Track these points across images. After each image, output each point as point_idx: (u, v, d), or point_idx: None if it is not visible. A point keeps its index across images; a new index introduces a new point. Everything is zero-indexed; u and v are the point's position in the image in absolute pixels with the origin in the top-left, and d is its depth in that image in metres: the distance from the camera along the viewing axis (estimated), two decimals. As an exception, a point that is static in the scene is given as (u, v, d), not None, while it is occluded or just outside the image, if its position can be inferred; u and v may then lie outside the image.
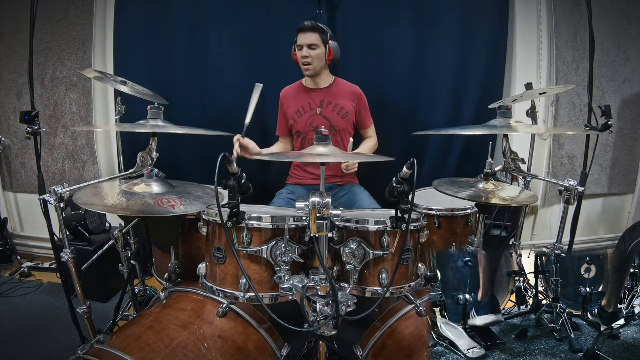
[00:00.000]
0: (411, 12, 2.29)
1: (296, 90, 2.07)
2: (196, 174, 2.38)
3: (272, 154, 1.97)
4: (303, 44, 1.90)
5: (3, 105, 2.61)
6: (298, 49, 1.93)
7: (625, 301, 1.08)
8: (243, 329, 1.25)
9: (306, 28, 1.89)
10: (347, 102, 2.02)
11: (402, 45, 2.32)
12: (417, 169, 0.97)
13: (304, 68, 1.95)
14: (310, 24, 1.89)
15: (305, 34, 1.89)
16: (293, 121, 2.04)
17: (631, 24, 2.52)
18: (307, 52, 1.90)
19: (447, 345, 1.03)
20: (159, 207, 1.10)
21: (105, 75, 1.65)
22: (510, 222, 1.64)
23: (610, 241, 2.81)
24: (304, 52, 1.90)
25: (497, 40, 2.36)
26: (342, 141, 2.03)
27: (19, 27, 2.46)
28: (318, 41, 1.90)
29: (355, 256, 1.06)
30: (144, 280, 1.81)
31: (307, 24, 1.89)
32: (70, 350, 1.06)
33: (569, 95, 2.50)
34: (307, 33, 1.89)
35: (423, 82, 2.36)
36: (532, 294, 1.16)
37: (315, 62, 1.92)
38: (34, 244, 2.81)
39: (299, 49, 1.92)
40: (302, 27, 1.90)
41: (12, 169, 2.70)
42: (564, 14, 2.41)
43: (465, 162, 2.44)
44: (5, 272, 2.55)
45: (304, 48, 1.90)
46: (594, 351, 0.97)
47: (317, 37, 1.89)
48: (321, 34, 1.90)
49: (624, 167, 2.72)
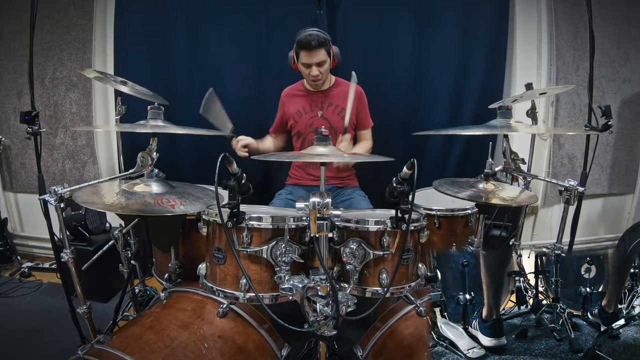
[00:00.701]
0: (411, 12, 2.29)
1: (297, 90, 2.06)
2: (196, 174, 2.38)
3: (272, 153, 1.96)
4: (311, 63, 1.81)
5: (3, 105, 2.61)
6: (304, 66, 1.84)
7: (625, 301, 1.08)
8: (243, 329, 1.25)
9: (312, 46, 1.75)
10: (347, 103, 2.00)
11: (402, 45, 2.32)
12: (417, 169, 0.97)
13: (314, 84, 1.90)
14: (317, 42, 1.75)
15: (311, 52, 1.78)
16: (293, 121, 2.04)
17: (631, 24, 2.52)
18: (317, 70, 1.82)
19: (447, 345, 1.03)
20: (159, 207, 1.10)
21: (105, 75, 1.65)
22: (510, 222, 1.64)
23: (610, 241, 2.81)
24: (313, 71, 1.82)
25: (497, 40, 2.36)
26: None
27: (19, 27, 2.46)
28: (325, 56, 1.81)
29: (355, 256, 1.06)
30: (144, 280, 1.81)
31: (313, 42, 1.75)
32: (70, 350, 1.06)
33: (569, 95, 2.50)
34: (314, 51, 1.77)
35: (423, 82, 2.36)
36: (532, 294, 1.16)
37: (324, 76, 1.87)
38: (34, 244, 2.81)
39: (306, 67, 1.84)
40: (306, 44, 1.76)
41: (12, 169, 2.70)
42: (564, 14, 2.41)
43: (465, 162, 2.44)
44: (5, 272, 2.55)
45: (313, 67, 1.81)
46: (594, 351, 0.97)
47: (324, 53, 1.80)
48: (326, 47, 1.80)
49: (624, 167, 2.72)
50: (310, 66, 1.83)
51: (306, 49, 1.78)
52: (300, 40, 1.78)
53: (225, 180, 1.03)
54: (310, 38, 1.75)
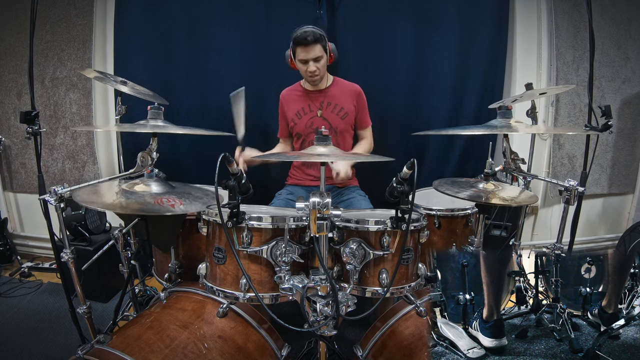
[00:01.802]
0: (411, 12, 2.29)
1: (295, 91, 2.06)
2: (196, 174, 2.38)
3: (271, 153, 1.96)
4: (308, 59, 1.82)
5: (3, 105, 2.61)
6: (301, 62, 1.85)
7: (625, 301, 1.08)
8: (243, 329, 1.25)
9: (308, 42, 1.78)
10: (346, 102, 2.00)
11: (402, 45, 2.32)
12: (417, 169, 0.97)
13: (311, 80, 1.91)
14: (313, 37, 1.77)
15: (307, 48, 1.80)
16: (293, 123, 2.04)
17: (631, 24, 2.52)
18: (314, 65, 1.83)
19: (447, 345, 1.03)
20: (159, 206, 1.10)
21: (105, 75, 1.65)
22: (510, 222, 1.64)
23: (610, 241, 2.81)
24: (310, 67, 1.83)
25: (497, 40, 2.36)
26: (342, 142, 2.03)
27: (19, 27, 2.46)
28: (321, 52, 1.82)
29: (355, 256, 1.06)
30: (144, 280, 1.81)
31: (309, 38, 1.77)
32: (70, 350, 1.07)
33: (569, 95, 2.50)
34: (310, 46, 1.79)
35: (423, 82, 2.36)
36: (532, 294, 1.16)
37: (321, 71, 1.88)
38: (34, 244, 2.81)
39: (303, 63, 1.85)
40: (302, 40, 1.78)
41: (12, 169, 2.70)
42: (564, 14, 2.41)
43: (465, 162, 2.43)
44: (5, 272, 2.55)
45: (310, 62, 1.83)
46: (594, 351, 0.97)
47: (320, 48, 1.81)
48: (322, 43, 1.82)
49: (624, 167, 2.72)
50: (307, 62, 1.84)
51: (302, 45, 1.80)
52: (296, 37, 1.80)
53: (225, 180, 1.03)
54: (305, 34, 1.78)
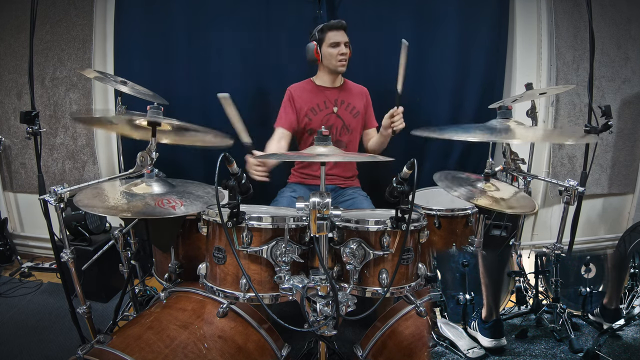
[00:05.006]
0: (411, 12, 2.30)
1: (308, 87, 2.04)
2: (196, 173, 2.38)
3: (272, 154, 1.95)
4: (341, 42, 1.91)
5: (3, 105, 2.61)
6: (332, 45, 1.91)
7: (625, 301, 1.08)
8: (243, 329, 1.24)
9: (340, 26, 1.91)
10: (357, 102, 2.05)
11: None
12: (417, 169, 0.97)
13: (341, 64, 1.95)
14: (344, 22, 1.92)
15: (339, 32, 1.91)
16: (308, 119, 2.01)
17: (631, 24, 2.52)
18: (346, 49, 1.92)
19: (447, 345, 1.03)
20: (160, 209, 1.10)
21: (105, 75, 1.65)
22: (510, 222, 1.64)
23: (610, 241, 2.81)
24: (342, 48, 1.91)
25: (497, 40, 2.36)
26: (354, 140, 2.06)
27: (19, 27, 2.46)
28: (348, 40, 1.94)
29: (355, 256, 1.06)
30: (144, 280, 1.81)
31: (342, 22, 1.91)
32: (70, 350, 1.06)
33: (569, 95, 2.50)
34: (341, 31, 1.92)
35: (423, 82, 2.36)
36: (532, 294, 1.16)
37: (347, 59, 1.96)
38: (34, 244, 2.81)
39: (334, 46, 1.91)
40: (337, 24, 1.91)
41: (12, 169, 2.70)
42: (564, 14, 2.41)
43: (465, 162, 2.44)
44: (5, 272, 2.55)
45: (341, 45, 1.91)
46: (594, 351, 0.97)
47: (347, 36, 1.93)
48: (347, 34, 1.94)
49: (624, 167, 2.72)
50: (339, 45, 1.91)
51: (336, 29, 1.91)
52: (330, 24, 1.92)
53: (225, 180, 1.03)
54: (339, 20, 1.93)
